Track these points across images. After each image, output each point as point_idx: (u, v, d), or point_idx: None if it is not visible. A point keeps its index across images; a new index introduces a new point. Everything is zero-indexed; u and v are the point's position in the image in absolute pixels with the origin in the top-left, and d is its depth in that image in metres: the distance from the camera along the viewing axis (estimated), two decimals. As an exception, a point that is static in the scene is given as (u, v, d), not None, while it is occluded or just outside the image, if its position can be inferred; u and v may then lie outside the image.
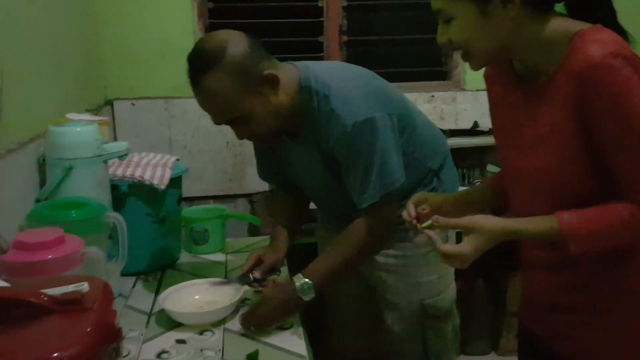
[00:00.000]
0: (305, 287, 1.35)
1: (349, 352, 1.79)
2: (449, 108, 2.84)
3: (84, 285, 0.84)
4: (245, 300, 1.44)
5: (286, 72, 1.36)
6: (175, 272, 1.66)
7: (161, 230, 1.63)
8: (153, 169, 1.60)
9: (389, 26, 2.92)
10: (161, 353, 1.23)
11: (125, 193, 1.56)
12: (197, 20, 2.60)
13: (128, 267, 1.46)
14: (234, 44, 1.29)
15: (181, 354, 1.23)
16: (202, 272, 1.64)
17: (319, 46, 2.78)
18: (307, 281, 1.35)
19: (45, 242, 1.07)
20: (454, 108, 2.85)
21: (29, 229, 1.19)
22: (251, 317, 1.32)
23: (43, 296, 0.82)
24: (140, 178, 1.55)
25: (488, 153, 2.61)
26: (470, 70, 1.12)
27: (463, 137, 2.60)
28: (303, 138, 1.43)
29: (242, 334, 1.31)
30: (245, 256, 1.52)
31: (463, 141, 2.55)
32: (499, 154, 1.21)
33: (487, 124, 2.65)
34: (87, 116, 1.69)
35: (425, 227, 1.10)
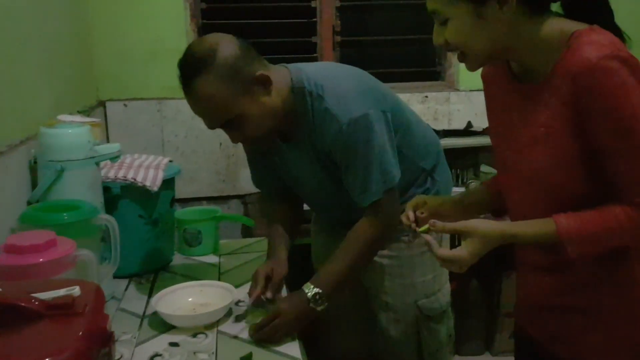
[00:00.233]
0: (317, 297, 1.33)
1: (343, 353, 1.79)
2: (442, 108, 2.84)
3: (75, 289, 0.83)
4: (239, 302, 1.44)
5: (278, 74, 1.36)
6: (168, 274, 1.65)
7: (154, 232, 1.63)
8: (145, 170, 1.59)
9: (383, 27, 2.93)
10: (154, 356, 1.22)
11: (118, 195, 1.56)
12: (189, 21, 2.59)
13: (121, 270, 1.45)
14: (225, 46, 1.29)
15: (174, 357, 1.22)
16: (195, 274, 1.63)
17: (312, 47, 2.77)
18: (319, 291, 1.33)
19: (36, 245, 1.06)
20: (448, 108, 2.85)
21: (21, 232, 1.18)
22: (266, 331, 1.28)
23: (34, 300, 0.82)
24: (132, 180, 1.54)
25: (482, 153, 2.62)
26: (464, 71, 1.12)
27: (456, 138, 2.60)
28: (297, 140, 1.42)
29: (235, 337, 1.30)
30: (239, 257, 1.52)
31: (456, 141, 2.56)
32: (495, 155, 1.21)
33: (480, 124, 2.67)
34: (78, 118, 1.69)
35: (423, 231, 1.10)
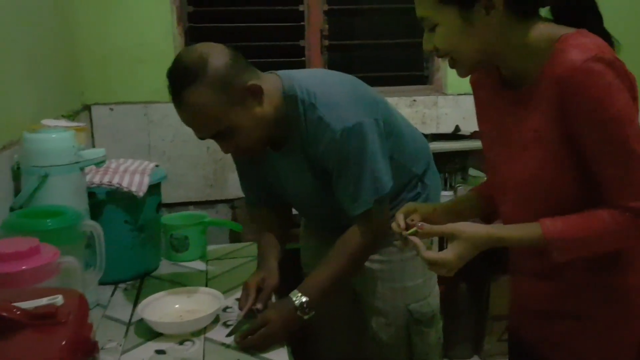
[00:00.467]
0: (305, 306, 1.32)
1: (332, 358, 1.78)
2: (430, 112, 2.85)
3: (58, 299, 0.81)
4: (226, 309, 1.42)
5: (269, 82, 1.35)
6: (155, 281, 1.63)
7: (140, 238, 1.61)
8: (131, 175, 1.57)
9: (371, 30, 2.93)
10: (140, 364, 1.21)
11: (103, 201, 1.54)
12: (176, 24, 2.57)
13: (106, 276, 1.42)
14: (215, 56, 1.27)
15: (161, 365, 1.20)
16: (182, 281, 1.61)
17: (300, 50, 2.77)
18: (306, 300, 1.32)
19: (19, 252, 1.04)
20: (436, 112, 2.85)
21: (3, 239, 1.15)
22: (253, 340, 1.26)
23: (16, 310, 0.80)
24: (118, 185, 1.53)
25: (470, 157, 2.63)
26: (452, 75, 1.13)
27: (445, 142, 2.61)
28: (289, 148, 1.41)
29: (223, 344, 1.28)
30: (227, 263, 1.50)
31: (444, 145, 2.56)
32: (486, 160, 1.21)
33: (468, 128, 2.67)
34: (63, 122, 1.66)
35: (411, 233, 1.10)
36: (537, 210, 1.03)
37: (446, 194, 2.40)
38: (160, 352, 1.25)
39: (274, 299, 1.45)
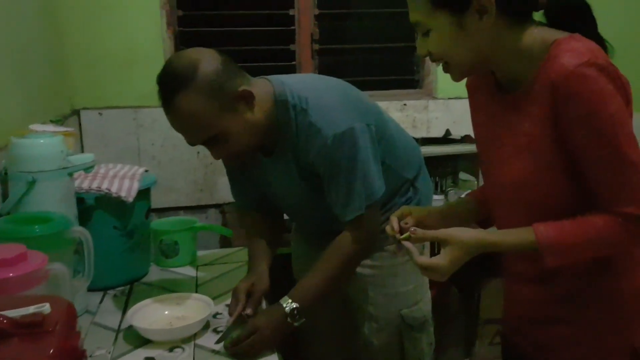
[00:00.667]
0: (295, 312, 1.30)
1: (324, 364, 1.77)
2: (420, 116, 2.85)
3: (45, 307, 0.80)
4: (216, 315, 1.41)
5: (260, 88, 1.34)
6: (144, 287, 1.62)
7: (129, 243, 1.59)
8: (120, 181, 1.56)
9: (361, 35, 2.93)
10: (129, 372, 1.19)
11: (92, 206, 1.52)
12: (166, 28, 2.56)
13: (95, 282, 1.41)
14: (206, 62, 1.26)
15: (150, 372, 1.19)
16: (172, 287, 1.60)
17: (290, 54, 2.76)
18: (297, 306, 1.31)
19: (6, 259, 1.03)
20: (426, 116, 2.86)
21: (-11, 246, 1.14)
22: (242, 347, 1.25)
23: (2, 319, 0.79)
24: (107, 190, 1.51)
25: (460, 161, 2.63)
26: (442, 79, 1.13)
27: (435, 146, 2.60)
28: (280, 153, 1.40)
29: (213, 350, 1.27)
30: (217, 269, 1.49)
31: (435, 149, 2.56)
32: (481, 165, 1.20)
33: (459, 132, 2.68)
34: (51, 127, 1.65)
35: (404, 238, 1.09)
36: (531, 214, 1.03)
37: (437, 198, 2.41)
38: (149, 359, 1.24)
39: (264, 305, 1.44)
